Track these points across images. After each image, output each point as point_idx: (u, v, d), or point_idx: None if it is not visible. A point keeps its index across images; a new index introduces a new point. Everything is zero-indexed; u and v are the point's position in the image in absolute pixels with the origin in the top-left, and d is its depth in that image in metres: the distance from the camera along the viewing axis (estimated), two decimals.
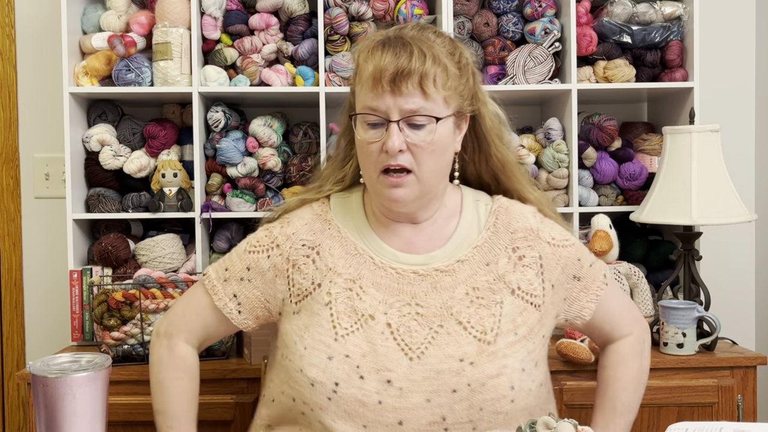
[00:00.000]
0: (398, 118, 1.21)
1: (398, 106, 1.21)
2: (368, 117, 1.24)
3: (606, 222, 1.99)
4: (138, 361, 1.88)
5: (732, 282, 2.45)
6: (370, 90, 1.22)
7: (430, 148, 1.23)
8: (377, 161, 1.23)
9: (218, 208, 2.12)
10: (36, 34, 2.38)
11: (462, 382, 1.21)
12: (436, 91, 1.22)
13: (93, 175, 2.15)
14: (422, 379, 1.21)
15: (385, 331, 1.24)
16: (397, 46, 1.22)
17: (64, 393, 1.02)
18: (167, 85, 2.07)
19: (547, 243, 1.34)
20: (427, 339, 1.23)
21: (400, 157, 1.22)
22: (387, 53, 1.21)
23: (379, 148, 1.22)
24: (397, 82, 1.20)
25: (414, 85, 1.20)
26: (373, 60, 1.22)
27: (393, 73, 1.20)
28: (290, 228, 1.34)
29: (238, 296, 1.35)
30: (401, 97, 1.20)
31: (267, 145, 2.13)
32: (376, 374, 1.21)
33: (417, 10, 2.14)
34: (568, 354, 1.84)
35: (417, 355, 1.22)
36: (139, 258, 2.10)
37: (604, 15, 2.17)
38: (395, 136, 1.21)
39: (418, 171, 1.23)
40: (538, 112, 2.44)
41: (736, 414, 1.86)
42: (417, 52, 1.21)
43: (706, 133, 1.96)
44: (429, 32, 1.28)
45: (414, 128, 1.22)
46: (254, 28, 2.13)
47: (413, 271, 1.28)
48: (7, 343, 2.40)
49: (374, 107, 1.22)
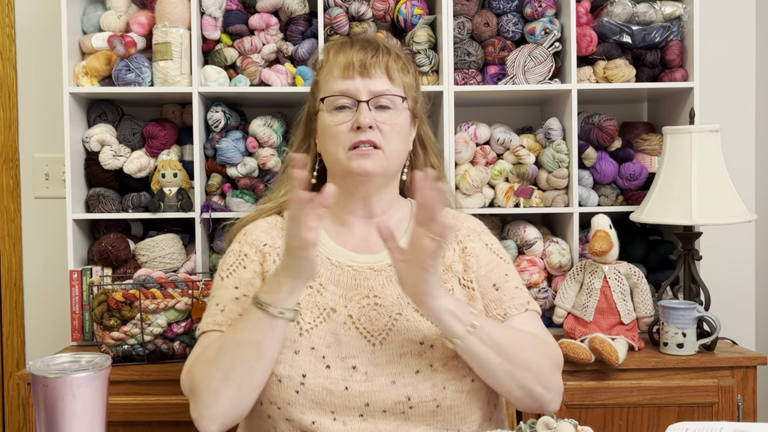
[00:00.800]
0: (367, 98, 1.33)
1: (367, 88, 1.34)
2: (338, 100, 1.34)
3: (606, 222, 1.99)
4: (138, 361, 1.88)
5: (732, 282, 2.45)
6: (341, 76, 1.35)
7: (396, 129, 1.35)
8: (347, 139, 1.32)
9: (218, 208, 2.12)
10: (36, 34, 2.38)
11: (424, 363, 1.27)
12: (400, 78, 1.37)
13: (93, 175, 2.15)
14: (386, 362, 1.27)
15: (347, 322, 1.30)
16: (364, 42, 1.39)
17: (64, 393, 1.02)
18: (167, 85, 2.07)
19: (485, 244, 1.42)
20: (387, 326, 1.29)
21: (369, 133, 1.32)
22: (356, 46, 1.37)
23: (348, 128, 1.32)
24: (367, 67, 1.34)
25: (381, 70, 1.35)
26: (344, 52, 1.37)
27: (362, 60, 1.35)
28: (249, 236, 1.40)
29: None
30: (370, 80, 1.34)
31: (267, 145, 2.13)
32: (342, 362, 1.26)
33: (417, 10, 2.14)
34: (568, 354, 1.84)
35: (379, 341, 1.29)
36: (139, 258, 2.10)
37: (604, 15, 2.17)
38: (366, 112, 1.32)
39: (385, 147, 1.33)
40: (538, 112, 2.44)
41: (736, 414, 1.86)
42: (382, 47, 1.38)
43: (706, 133, 1.96)
44: (390, 41, 1.48)
45: (381, 109, 1.34)
46: (254, 28, 2.13)
47: (369, 267, 1.35)
48: (7, 343, 2.40)
49: (344, 90, 1.34)
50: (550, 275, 2.16)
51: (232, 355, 1.20)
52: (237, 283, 1.34)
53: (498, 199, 2.15)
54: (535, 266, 2.12)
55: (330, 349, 1.27)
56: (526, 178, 2.15)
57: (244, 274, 1.35)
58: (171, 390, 1.84)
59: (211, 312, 1.34)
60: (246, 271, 1.35)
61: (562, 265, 2.12)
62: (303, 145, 1.47)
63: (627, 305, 1.98)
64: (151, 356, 1.89)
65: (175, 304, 1.87)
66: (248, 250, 1.37)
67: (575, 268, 2.05)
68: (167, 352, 1.90)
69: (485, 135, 2.17)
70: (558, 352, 1.35)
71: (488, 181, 2.16)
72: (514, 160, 2.17)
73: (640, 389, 1.87)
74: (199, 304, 1.88)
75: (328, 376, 1.25)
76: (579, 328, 1.97)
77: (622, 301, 1.97)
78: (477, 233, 1.43)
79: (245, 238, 1.40)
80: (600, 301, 1.97)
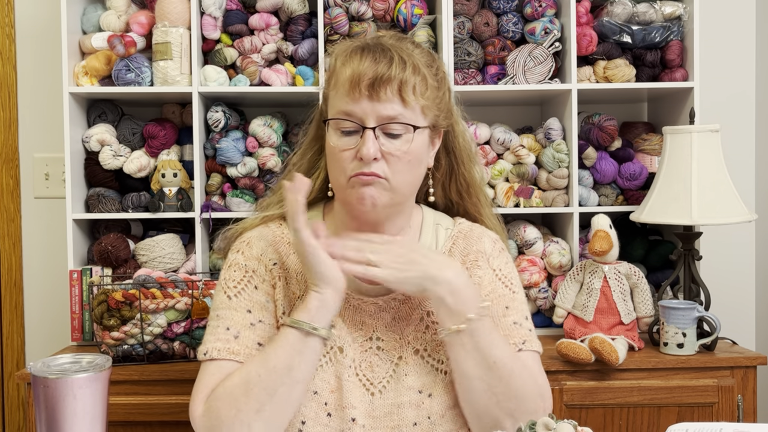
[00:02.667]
0: (374, 125, 1.17)
1: (375, 113, 1.17)
2: (343, 123, 1.19)
3: (606, 222, 1.99)
4: (138, 361, 1.88)
5: (732, 282, 2.45)
6: (347, 95, 1.18)
7: (406, 158, 1.19)
8: (349, 168, 1.19)
9: (218, 208, 2.12)
10: (36, 34, 2.38)
11: (422, 415, 1.23)
12: (415, 99, 1.18)
13: (93, 175, 2.15)
14: (384, 414, 1.23)
15: (351, 365, 1.24)
16: (377, 52, 1.18)
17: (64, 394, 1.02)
18: (167, 85, 2.07)
19: (492, 270, 1.31)
20: (388, 373, 1.25)
21: (374, 165, 1.17)
22: (366, 58, 1.18)
23: (353, 156, 1.18)
24: (376, 88, 1.16)
25: (393, 91, 1.17)
26: (352, 64, 1.18)
27: (372, 78, 1.16)
28: (255, 249, 1.28)
29: (264, 342, 1.23)
30: (379, 103, 1.16)
31: (267, 145, 2.13)
32: (341, 411, 1.21)
33: (417, 9, 2.14)
34: (568, 354, 1.84)
35: (378, 390, 1.24)
36: (139, 258, 2.10)
37: (604, 15, 2.17)
38: (371, 143, 1.16)
39: (391, 179, 1.19)
40: (538, 112, 2.44)
41: (736, 414, 1.86)
42: (397, 59, 1.18)
43: (706, 133, 1.96)
44: (407, 42, 1.25)
45: (390, 137, 1.18)
46: (254, 28, 2.13)
47: (374, 302, 1.26)
48: (7, 343, 2.40)
49: (349, 112, 1.18)
50: (550, 275, 2.16)
51: (265, 386, 1.13)
52: (249, 305, 1.24)
53: (498, 199, 2.15)
54: (535, 266, 2.12)
55: (333, 395, 1.22)
56: (526, 178, 2.15)
57: (256, 296, 1.25)
58: (171, 390, 1.84)
59: (220, 336, 1.22)
60: (258, 293, 1.25)
61: (562, 265, 2.12)
62: (314, 146, 1.34)
63: (627, 305, 1.98)
64: (151, 356, 1.89)
65: (175, 304, 1.87)
66: (256, 267, 1.27)
67: (575, 268, 2.05)
68: (167, 352, 1.90)
69: (485, 135, 2.17)
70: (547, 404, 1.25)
71: (488, 181, 2.16)
72: (514, 160, 2.17)
73: (640, 389, 1.87)
74: (199, 304, 1.88)
75: (328, 425, 1.21)
76: (579, 328, 1.97)
77: (622, 301, 1.98)
78: (486, 257, 1.31)
79: (249, 250, 1.29)
80: (600, 301, 1.97)
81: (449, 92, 1.29)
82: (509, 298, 1.30)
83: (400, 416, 1.23)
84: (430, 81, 1.21)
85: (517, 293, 1.32)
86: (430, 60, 1.25)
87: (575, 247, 2.12)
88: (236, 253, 1.29)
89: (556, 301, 2.05)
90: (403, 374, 1.24)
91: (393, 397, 1.23)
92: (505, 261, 1.34)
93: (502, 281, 1.31)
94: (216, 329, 1.24)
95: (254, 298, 1.25)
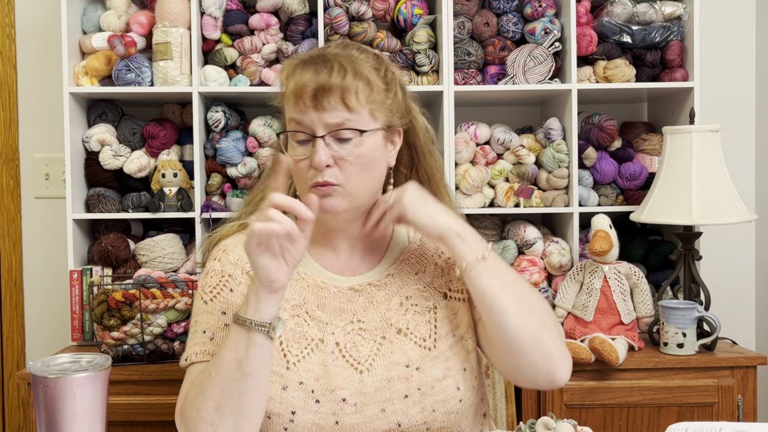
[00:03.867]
0: (323, 133, 1.20)
1: (322, 121, 1.20)
2: (296, 134, 1.23)
3: (606, 222, 1.99)
4: (138, 361, 1.88)
5: (732, 282, 2.45)
6: (294, 107, 1.22)
7: (358, 162, 1.22)
8: (308, 177, 1.22)
9: (218, 208, 2.12)
10: (36, 34, 2.38)
11: (412, 387, 1.25)
12: (359, 104, 1.21)
13: (93, 175, 2.15)
14: (374, 390, 1.25)
15: (335, 350, 1.26)
16: (318, 63, 1.22)
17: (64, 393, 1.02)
18: (167, 85, 2.07)
19: None
20: (372, 351, 1.27)
21: (327, 172, 1.21)
22: (307, 70, 1.21)
23: (308, 165, 1.21)
24: (319, 98, 1.19)
25: (336, 99, 1.20)
26: (294, 78, 1.22)
27: (314, 89, 1.19)
28: (231, 255, 1.31)
29: None
30: (324, 112, 1.20)
31: (267, 145, 2.13)
32: (331, 395, 1.23)
33: (417, 10, 2.14)
34: None
35: (366, 368, 1.26)
36: (139, 258, 2.10)
37: (604, 15, 2.17)
38: (321, 151, 1.20)
39: (346, 185, 1.22)
40: (538, 112, 2.44)
41: (736, 414, 1.86)
42: (337, 67, 1.21)
43: (706, 133, 1.96)
44: (352, 49, 1.28)
45: (340, 142, 1.21)
46: (254, 28, 2.13)
47: (349, 287, 1.30)
48: (7, 343, 2.40)
49: (299, 121, 1.22)
50: (550, 275, 2.16)
51: (217, 378, 1.14)
52: (224, 307, 1.27)
53: (498, 199, 2.15)
54: (535, 266, 2.12)
55: (319, 382, 1.24)
56: (526, 178, 2.15)
57: (231, 298, 1.27)
58: (171, 390, 1.84)
59: (197, 340, 1.25)
60: (233, 295, 1.28)
61: (562, 265, 2.12)
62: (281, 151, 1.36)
63: (627, 305, 1.98)
64: (151, 356, 1.89)
65: (175, 304, 1.87)
66: (232, 271, 1.29)
67: (575, 268, 2.05)
68: (167, 352, 1.90)
69: (485, 135, 2.17)
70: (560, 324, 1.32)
71: (488, 181, 2.16)
72: (514, 160, 2.17)
73: (640, 389, 1.87)
74: None
75: (318, 411, 1.23)
76: (579, 328, 1.97)
77: (622, 301, 1.98)
78: None
79: (226, 256, 1.31)
80: (600, 301, 1.97)
81: (403, 91, 1.31)
82: None
83: (390, 390, 1.25)
84: (377, 83, 1.24)
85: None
86: (377, 63, 1.27)
87: (575, 247, 2.12)
88: (213, 261, 1.32)
89: (556, 301, 2.05)
90: (389, 352, 1.27)
91: (382, 373, 1.26)
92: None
93: None
94: (194, 335, 1.27)
95: (229, 300, 1.28)
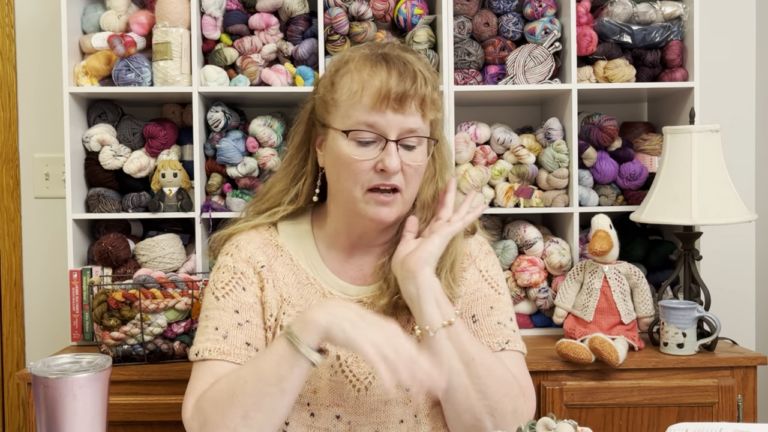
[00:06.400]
0: (396, 138, 1.20)
1: (399, 126, 1.19)
2: (363, 134, 1.20)
3: (606, 222, 1.99)
4: (138, 361, 1.88)
5: (732, 282, 2.45)
6: (371, 107, 1.19)
7: (419, 170, 1.23)
8: (366, 179, 1.20)
9: (218, 208, 2.12)
10: (36, 34, 2.38)
11: (409, 412, 1.24)
12: (431, 114, 1.23)
13: (93, 175, 2.15)
14: (370, 411, 1.23)
15: (334, 364, 1.25)
16: (398, 66, 1.21)
17: (64, 394, 1.02)
18: (167, 85, 2.07)
19: (479, 271, 1.33)
20: (373, 369, 1.23)
21: (394, 177, 1.20)
22: (393, 72, 1.19)
23: (370, 167, 1.20)
24: (402, 102, 1.19)
25: (416, 105, 1.20)
26: (378, 75, 1.19)
27: (401, 93, 1.18)
28: (244, 252, 1.30)
29: (251, 342, 1.25)
30: (404, 116, 1.19)
31: (267, 145, 2.13)
32: (326, 410, 1.22)
33: (417, 9, 2.14)
34: (568, 354, 1.84)
35: (365, 386, 1.24)
36: (139, 258, 2.10)
37: (604, 15, 2.17)
38: (395, 155, 1.19)
39: (405, 191, 1.22)
40: (538, 112, 2.44)
41: (736, 414, 1.86)
42: (420, 77, 1.21)
43: (706, 133, 1.96)
44: (413, 54, 1.27)
45: (407, 149, 1.21)
46: (254, 28, 2.13)
47: (359, 299, 1.28)
48: (7, 343, 2.40)
49: (372, 123, 1.19)
50: (550, 275, 2.16)
51: (253, 390, 1.12)
52: (237, 306, 1.26)
53: (498, 199, 2.15)
54: (535, 266, 2.12)
55: (315, 395, 1.23)
56: (526, 178, 2.15)
57: (244, 297, 1.27)
58: (171, 390, 1.84)
59: (209, 336, 1.24)
60: (246, 294, 1.27)
61: (562, 265, 2.12)
62: (301, 149, 1.34)
63: (627, 305, 1.98)
64: (151, 356, 1.89)
65: (175, 304, 1.87)
66: (245, 268, 1.28)
67: (575, 268, 2.05)
68: (167, 352, 1.90)
69: (485, 135, 2.17)
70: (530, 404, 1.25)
71: (488, 181, 2.16)
72: (514, 160, 2.17)
73: (640, 389, 1.87)
74: (199, 304, 1.88)
75: (312, 425, 1.22)
76: (579, 328, 1.97)
77: (622, 301, 1.98)
78: (473, 259, 1.34)
79: (238, 252, 1.30)
80: (600, 301, 1.97)
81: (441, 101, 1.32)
82: (494, 299, 1.32)
83: (386, 413, 1.24)
84: (437, 94, 1.25)
85: (503, 295, 1.33)
86: (434, 72, 1.28)
87: (575, 247, 2.12)
88: (225, 256, 1.32)
89: (556, 301, 2.05)
90: None
91: (380, 394, 1.24)
92: (492, 263, 1.35)
93: (488, 282, 1.33)
94: (205, 329, 1.26)
95: (242, 299, 1.27)
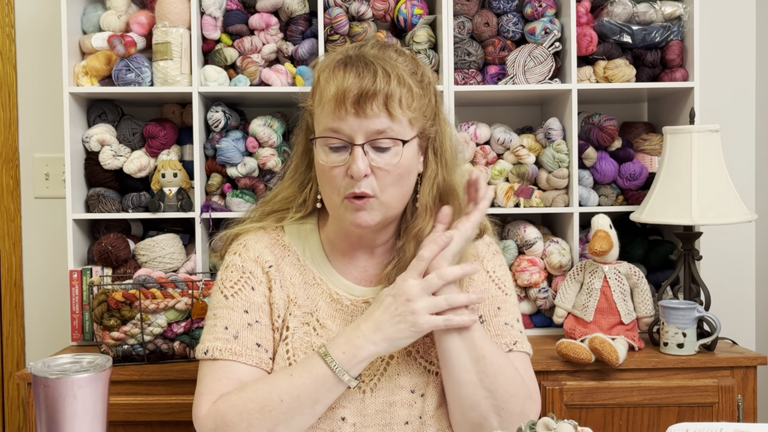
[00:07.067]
0: (363, 141, 1.16)
1: (363, 129, 1.15)
2: (331, 140, 1.18)
3: (606, 222, 1.99)
4: (138, 361, 1.88)
5: (732, 282, 2.45)
6: (332, 112, 1.16)
7: (396, 172, 1.18)
8: (342, 186, 1.18)
9: (218, 208, 2.12)
10: (36, 34, 2.38)
11: (414, 414, 1.24)
12: (402, 112, 1.17)
13: (93, 175, 2.15)
14: (375, 412, 1.23)
15: None
16: (360, 66, 1.16)
17: (65, 394, 1.02)
18: (167, 85, 2.07)
19: (486, 272, 1.32)
20: (379, 370, 1.25)
21: (364, 182, 1.17)
22: (349, 73, 1.16)
23: (343, 173, 1.17)
24: (362, 104, 1.14)
25: (379, 106, 1.15)
26: (335, 80, 1.16)
27: (357, 95, 1.14)
28: (252, 251, 1.29)
29: (262, 343, 1.25)
30: (366, 119, 1.15)
31: (267, 145, 2.13)
32: (330, 412, 1.22)
33: (417, 10, 2.14)
34: (568, 354, 1.84)
35: (370, 388, 1.24)
36: (139, 258, 2.10)
37: (604, 15, 2.17)
38: (360, 160, 1.15)
39: (381, 196, 1.18)
40: (538, 112, 2.44)
41: (736, 414, 1.86)
42: (381, 72, 1.16)
43: (706, 133, 1.96)
44: (390, 51, 1.23)
45: (379, 151, 1.17)
46: (254, 28, 2.13)
47: (364, 300, 1.27)
48: (7, 343, 2.40)
49: (337, 129, 1.16)
50: (550, 275, 2.16)
51: (286, 408, 1.14)
52: (246, 305, 1.25)
53: (498, 199, 2.15)
54: (535, 266, 2.12)
55: None
56: (526, 178, 2.15)
57: (253, 297, 1.26)
58: (171, 390, 1.84)
59: (218, 335, 1.23)
60: (255, 294, 1.26)
61: (562, 265, 2.12)
62: (305, 158, 1.32)
63: (627, 305, 1.98)
64: (151, 356, 1.89)
65: (175, 304, 1.87)
66: (253, 268, 1.27)
67: (575, 268, 2.05)
68: (167, 352, 1.90)
69: (485, 135, 2.17)
70: (536, 406, 1.24)
71: (488, 181, 2.16)
72: (514, 160, 2.17)
73: (640, 389, 1.87)
74: (199, 304, 1.88)
75: (317, 426, 1.21)
76: (579, 328, 1.97)
77: (622, 301, 1.98)
78: (480, 259, 1.32)
79: (246, 252, 1.29)
80: (600, 301, 1.97)
81: (435, 96, 1.27)
82: (501, 300, 1.31)
83: (391, 414, 1.23)
84: (416, 90, 1.20)
85: (510, 296, 1.32)
86: (414, 67, 1.23)
87: (575, 247, 2.12)
88: (233, 255, 1.30)
89: (556, 301, 2.05)
90: (395, 373, 1.25)
91: (385, 395, 1.24)
92: (499, 264, 1.34)
93: (495, 283, 1.32)
94: (214, 328, 1.25)
95: (251, 299, 1.26)
